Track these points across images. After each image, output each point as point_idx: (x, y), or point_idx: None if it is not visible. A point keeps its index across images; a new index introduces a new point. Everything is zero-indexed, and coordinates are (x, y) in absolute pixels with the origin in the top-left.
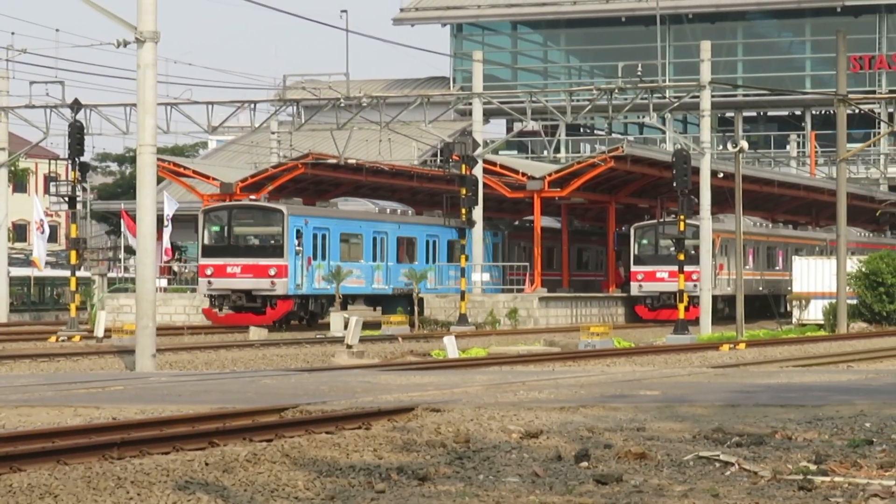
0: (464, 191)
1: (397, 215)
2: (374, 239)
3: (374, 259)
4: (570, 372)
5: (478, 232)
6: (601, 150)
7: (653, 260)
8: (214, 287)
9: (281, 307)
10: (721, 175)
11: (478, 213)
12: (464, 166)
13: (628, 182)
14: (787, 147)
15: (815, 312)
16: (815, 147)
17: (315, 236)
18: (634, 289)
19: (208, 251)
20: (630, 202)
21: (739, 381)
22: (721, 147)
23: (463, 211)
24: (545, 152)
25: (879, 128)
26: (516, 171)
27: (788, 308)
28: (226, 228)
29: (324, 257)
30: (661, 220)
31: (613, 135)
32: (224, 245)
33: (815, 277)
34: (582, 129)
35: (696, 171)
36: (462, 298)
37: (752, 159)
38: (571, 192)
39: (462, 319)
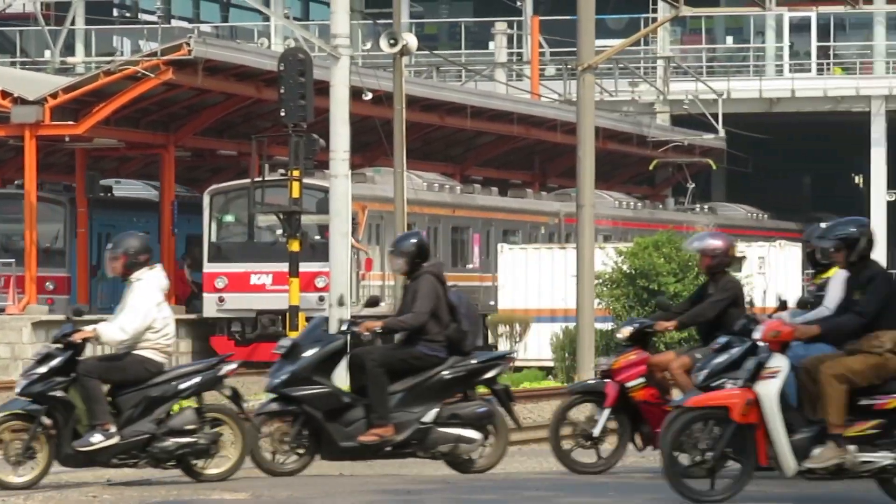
0: None
1: None
2: None
3: None
4: None
5: None
6: (151, 49)
7: (244, 252)
8: None
9: None
10: (369, 96)
11: None
12: None
13: (201, 109)
14: (492, 45)
15: (538, 346)
16: (541, 43)
17: None
18: (210, 305)
19: None
20: (204, 146)
21: None
22: (370, 45)
23: None
24: (47, 54)
25: (655, 6)
26: None
27: (491, 338)
28: None
29: None
30: (259, 178)
31: (174, 22)
32: None
33: (539, 282)
34: (118, 10)
35: (326, 88)
36: None
37: (429, 67)
38: (93, 126)
39: None
